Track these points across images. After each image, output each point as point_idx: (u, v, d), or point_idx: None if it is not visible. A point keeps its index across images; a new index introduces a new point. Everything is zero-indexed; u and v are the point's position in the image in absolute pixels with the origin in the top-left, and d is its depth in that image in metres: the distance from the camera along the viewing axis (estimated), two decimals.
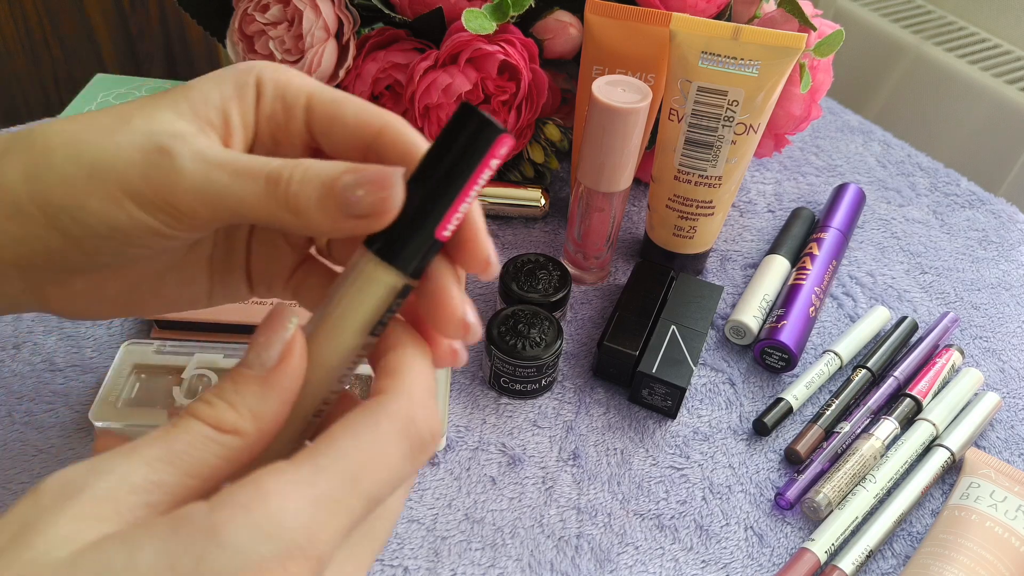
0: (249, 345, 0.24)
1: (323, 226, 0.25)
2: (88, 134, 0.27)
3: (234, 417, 0.23)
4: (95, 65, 1.11)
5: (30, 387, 0.39)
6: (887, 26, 1.08)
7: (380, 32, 0.52)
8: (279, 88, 0.29)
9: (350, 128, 0.28)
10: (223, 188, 0.25)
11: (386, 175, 0.24)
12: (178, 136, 0.26)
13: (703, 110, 0.45)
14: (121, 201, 0.26)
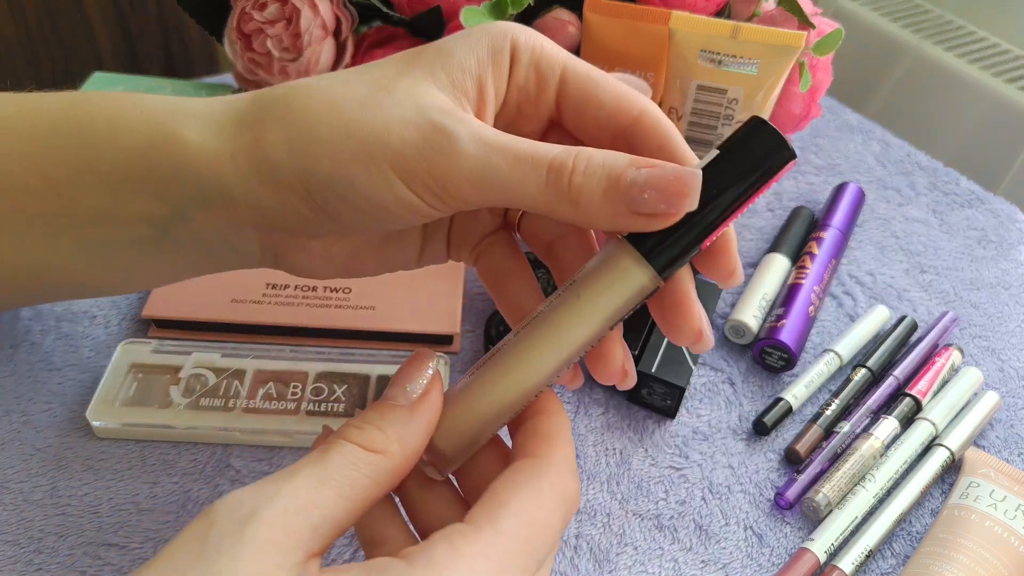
0: (393, 382, 0.26)
1: (601, 220, 0.25)
2: (351, 104, 0.26)
3: (382, 438, 0.25)
4: (93, 64, 1.11)
5: (27, 386, 0.39)
6: (887, 25, 1.08)
7: (378, 30, 0.52)
8: (534, 56, 0.28)
9: (606, 110, 0.28)
10: (502, 174, 0.25)
11: (683, 182, 0.24)
12: (451, 114, 0.26)
13: (702, 108, 0.45)
14: (391, 179, 0.26)
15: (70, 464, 0.36)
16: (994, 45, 1.04)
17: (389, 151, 0.25)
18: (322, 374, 0.40)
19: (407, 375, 0.26)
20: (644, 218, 0.25)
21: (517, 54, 0.28)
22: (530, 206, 0.26)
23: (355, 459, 0.24)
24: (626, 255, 0.26)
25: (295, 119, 0.27)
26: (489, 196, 0.26)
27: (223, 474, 0.37)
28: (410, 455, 0.25)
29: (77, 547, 0.34)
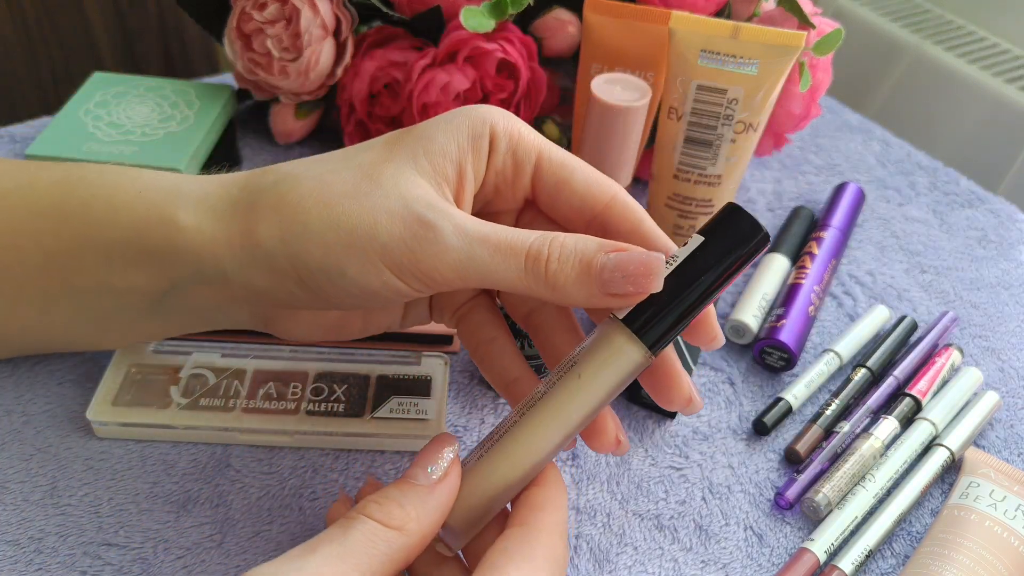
0: (415, 462, 0.27)
1: (577, 300, 0.28)
2: (338, 195, 0.28)
3: (401, 515, 0.26)
4: (93, 63, 1.11)
5: (27, 386, 0.39)
6: (886, 25, 1.08)
7: (378, 30, 0.52)
8: (512, 143, 0.30)
9: (578, 195, 0.30)
10: (484, 264, 0.27)
11: (648, 266, 0.27)
12: (434, 207, 0.28)
13: (702, 108, 0.45)
14: (380, 270, 0.28)
15: (70, 464, 0.36)
16: (994, 45, 1.04)
17: (377, 244, 0.27)
18: (322, 374, 0.40)
19: (428, 457, 0.27)
20: (615, 298, 0.27)
21: (496, 140, 0.30)
22: (511, 289, 0.28)
23: (374, 536, 0.25)
24: (620, 334, 0.28)
25: (287, 210, 0.28)
26: (472, 282, 0.28)
27: (223, 474, 0.37)
28: (426, 533, 0.26)
29: (77, 547, 0.34)
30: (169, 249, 0.30)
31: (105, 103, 0.51)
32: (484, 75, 0.48)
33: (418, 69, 0.48)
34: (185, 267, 0.30)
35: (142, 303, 0.32)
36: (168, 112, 0.51)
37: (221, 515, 0.35)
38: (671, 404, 0.30)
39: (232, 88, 0.54)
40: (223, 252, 0.29)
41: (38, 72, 1.09)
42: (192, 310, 0.33)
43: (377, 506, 0.26)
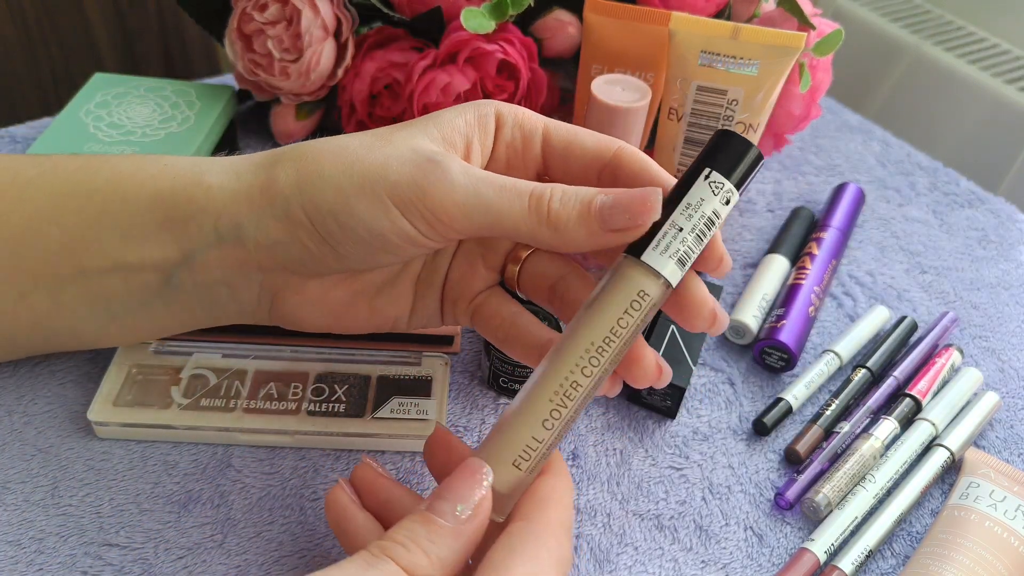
0: (443, 493, 0.26)
1: (579, 240, 0.28)
2: (355, 149, 0.30)
3: (427, 565, 0.25)
4: (93, 64, 1.11)
5: (28, 387, 0.39)
6: (886, 25, 1.08)
7: (378, 31, 0.52)
8: (517, 119, 0.32)
9: (588, 150, 0.31)
10: (489, 201, 0.28)
11: (645, 197, 0.28)
12: (443, 152, 0.29)
13: (702, 109, 0.45)
14: (388, 208, 0.29)
15: (71, 464, 0.36)
16: (994, 45, 1.04)
17: (387, 183, 0.28)
18: (323, 374, 0.40)
19: (459, 491, 0.26)
20: (615, 233, 0.28)
21: (501, 118, 0.31)
22: (514, 233, 0.29)
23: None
24: (630, 264, 0.28)
25: (304, 161, 0.30)
26: (478, 223, 0.29)
27: (224, 474, 0.37)
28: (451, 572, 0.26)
29: (78, 547, 0.34)
30: (190, 212, 0.31)
31: (106, 104, 0.51)
32: (484, 76, 0.48)
33: (419, 70, 0.48)
34: (202, 229, 0.31)
35: (151, 283, 0.33)
36: (169, 113, 0.51)
37: (222, 515, 0.35)
38: (696, 323, 0.30)
39: (233, 89, 0.55)
40: (243, 207, 0.31)
41: (38, 73, 1.09)
42: (201, 288, 0.33)
43: (404, 551, 0.25)
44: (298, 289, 0.33)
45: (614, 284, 0.28)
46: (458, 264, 0.35)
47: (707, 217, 0.28)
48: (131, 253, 0.32)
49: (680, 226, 0.28)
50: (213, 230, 0.31)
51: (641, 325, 0.28)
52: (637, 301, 0.28)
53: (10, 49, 1.05)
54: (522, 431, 0.28)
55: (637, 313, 0.28)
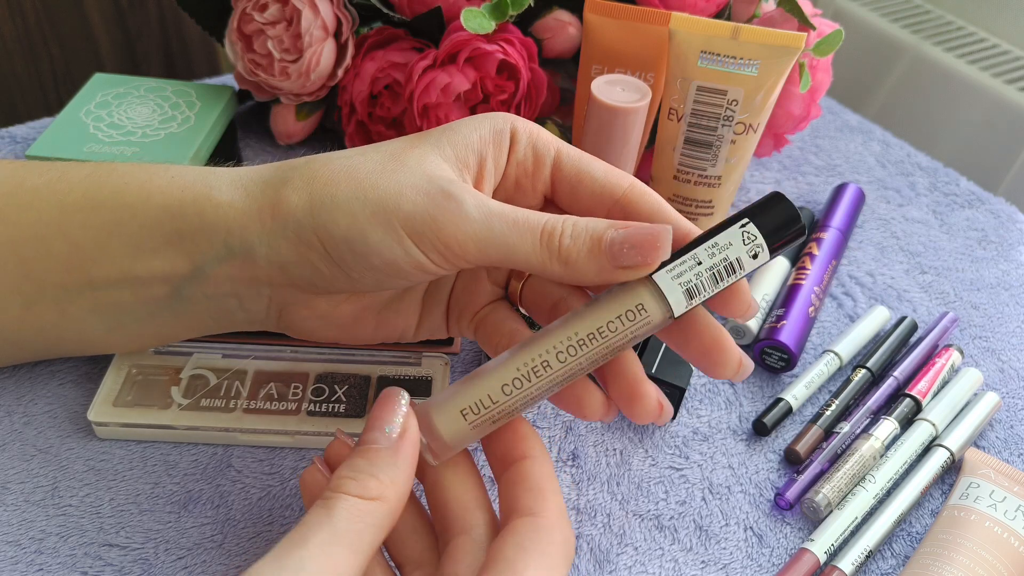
0: (369, 425, 0.27)
1: (589, 276, 0.28)
2: (366, 171, 0.29)
3: (377, 485, 0.26)
4: (93, 64, 1.11)
5: (28, 387, 0.39)
6: (886, 25, 1.08)
7: (379, 31, 0.52)
8: (532, 138, 0.31)
9: (598, 183, 0.31)
10: (501, 236, 0.28)
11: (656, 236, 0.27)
12: (456, 183, 0.29)
13: (702, 109, 0.45)
14: (401, 238, 0.29)
15: (71, 465, 0.36)
16: (994, 45, 1.04)
17: (401, 213, 0.28)
18: (323, 375, 0.40)
19: (383, 417, 0.27)
20: (624, 270, 0.28)
21: (516, 135, 0.31)
22: (525, 265, 0.29)
23: (358, 512, 0.25)
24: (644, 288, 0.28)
25: (316, 183, 0.30)
26: (490, 255, 0.29)
27: (224, 474, 0.37)
28: (402, 494, 0.27)
29: (78, 547, 0.34)
30: (200, 227, 0.31)
31: (106, 104, 0.51)
32: (485, 76, 0.48)
33: (419, 70, 0.48)
34: (212, 244, 0.31)
35: (160, 295, 0.33)
36: (169, 113, 0.51)
37: (222, 515, 0.35)
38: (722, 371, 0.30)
39: (233, 89, 0.55)
40: (253, 225, 0.30)
41: (38, 73, 1.09)
42: (210, 300, 0.33)
43: (353, 482, 0.26)
44: (306, 304, 0.33)
45: (617, 291, 0.28)
46: (463, 278, 0.35)
47: (729, 261, 0.28)
48: (140, 266, 0.32)
49: (700, 260, 0.28)
50: (224, 245, 0.31)
51: (631, 339, 0.28)
52: (633, 312, 0.28)
53: (10, 49, 1.05)
54: (480, 386, 0.28)
55: (630, 324, 0.28)
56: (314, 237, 0.29)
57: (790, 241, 0.28)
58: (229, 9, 0.52)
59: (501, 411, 0.28)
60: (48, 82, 1.11)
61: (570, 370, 0.28)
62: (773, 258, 0.28)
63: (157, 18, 1.14)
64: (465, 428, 0.28)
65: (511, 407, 0.28)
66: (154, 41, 1.15)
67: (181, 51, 1.19)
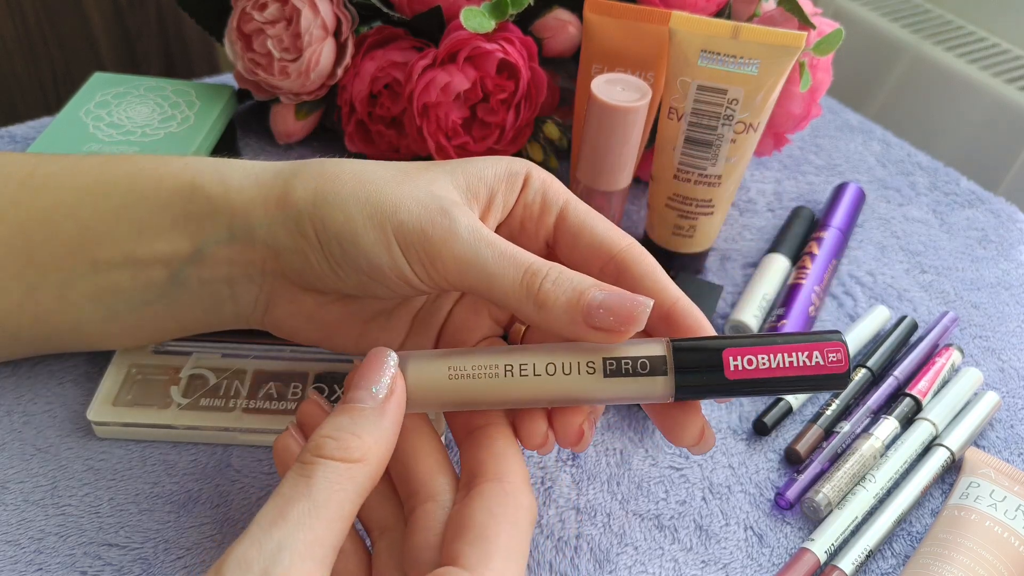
0: (354, 384, 0.27)
1: (559, 326, 0.28)
2: (376, 179, 0.30)
3: (359, 444, 0.25)
4: (92, 63, 1.11)
5: (28, 386, 0.39)
6: (886, 25, 1.08)
7: (378, 31, 0.52)
8: (543, 186, 0.32)
9: (597, 238, 0.31)
10: (486, 264, 0.28)
11: (634, 308, 0.27)
12: (457, 204, 0.29)
13: (703, 109, 0.45)
14: (391, 244, 0.29)
15: (71, 464, 0.36)
16: (994, 45, 1.04)
17: (396, 220, 0.29)
18: (322, 374, 0.40)
19: (369, 375, 0.27)
20: (595, 331, 0.28)
21: (529, 181, 0.32)
22: (501, 299, 0.29)
23: (340, 477, 0.24)
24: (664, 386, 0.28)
25: (325, 179, 0.30)
26: (470, 280, 0.29)
27: (223, 474, 0.37)
28: (384, 456, 0.26)
29: (78, 547, 0.34)
30: (208, 209, 0.32)
31: (106, 104, 0.51)
32: (484, 75, 0.48)
33: (418, 69, 0.48)
34: (216, 226, 0.32)
35: (157, 279, 0.33)
36: (168, 112, 0.51)
37: (221, 515, 0.35)
38: (683, 440, 0.30)
39: (232, 88, 0.55)
40: (258, 211, 0.31)
41: (38, 72, 1.09)
42: (202, 287, 0.33)
43: (334, 442, 0.25)
44: (294, 299, 0.34)
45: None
46: (462, 309, 0.35)
47: None
48: (143, 247, 0.33)
49: None
50: (227, 228, 0.32)
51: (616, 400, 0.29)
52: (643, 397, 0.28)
53: (10, 49, 1.05)
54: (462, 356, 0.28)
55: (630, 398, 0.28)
56: (311, 228, 0.30)
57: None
58: (229, 8, 0.52)
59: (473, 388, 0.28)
60: (48, 81, 1.11)
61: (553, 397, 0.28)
62: None
63: (157, 17, 1.14)
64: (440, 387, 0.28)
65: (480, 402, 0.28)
66: (154, 40, 1.15)
67: (181, 50, 1.19)
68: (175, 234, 0.32)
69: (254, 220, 0.31)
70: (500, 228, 0.32)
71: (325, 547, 0.23)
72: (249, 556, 0.22)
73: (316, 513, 0.24)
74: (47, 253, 0.33)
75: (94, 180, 0.33)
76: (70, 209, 0.33)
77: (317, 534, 0.23)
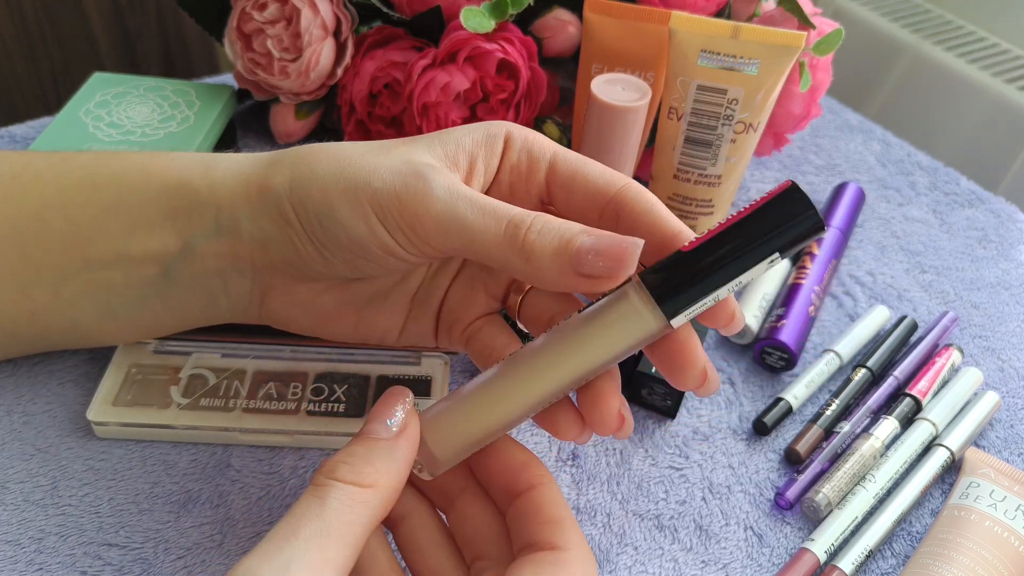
0: (371, 417, 0.28)
1: (549, 277, 0.27)
2: (351, 154, 0.30)
3: (372, 472, 0.26)
4: (92, 63, 1.11)
5: (28, 386, 0.39)
6: (886, 25, 1.08)
7: (378, 30, 0.52)
8: (527, 143, 0.31)
9: (592, 182, 0.30)
10: (466, 220, 0.28)
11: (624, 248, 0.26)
12: (432, 166, 0.29)
13: (702, 108, 0.45)
14: (367, 215, 0.29)
15: (70, 464, 0.36)
16: (994, 45, 1.04)
17: (370, 190, 0.28)
18: (322, 374, 0.40)
19: (385, 411, 0.28)
20: (586, 279, 0.26)
21: (511, 140, 0.31)
22: (485, 256, 0.28)
23: (352, 500, 0.25)
24: (639, 296, 0.27)
25: (302, 162, 0.30)
26: (453, 241, 0.28)
27: (223, 474, 0.37)
28: (396, 486, 0.27)
29: (78, 547, 0.34)
30: (194, 204, 0.32)
31: (105, 103, 0.51)
32: (484, 75, 0.48)
33: (418, 69, 0.48)
34: (203, 221, 0.32)
35: (150, 276, 0.33)
36: (168, 112, 0.51)
37: (221, 515, 0.35)
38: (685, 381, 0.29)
39: (232, 88, 0.54)
40: (241, 202, 0.31)
41: (38, 72, 1.09)
42: (195, 282, 0.33)
43: (347, 467, 0.26)
44: (287, 290, 0.33)
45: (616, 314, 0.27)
46: (458, 287, 0.34)
47: (744, 284, 0.26)
48: (134, 244, 0.33)
49: (719, 296, 0.26)
50: (214, 222, 0.32)
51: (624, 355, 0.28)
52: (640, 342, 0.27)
53: (10, 49, 1.05)
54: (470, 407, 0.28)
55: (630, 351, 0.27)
56: (291, 210, 0.30)
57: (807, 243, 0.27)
58: (228, 8, 0.52)
59: (491, 430, 0.28)
60: (47, 81, 1.11)
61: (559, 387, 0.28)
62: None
63: (156, 17, 1.14)
64: (457, 449, 0.29)
65: (501, 425, 0.28)
66: (153, 40, 1.15)
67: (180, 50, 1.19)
68: (164, 230, 0.32)
69: (239, 212, 0.31)
70: (490, 193, 0.31)
71: (334, 568, 0.24)
72: (258, 570, 0.23)
73: (327, 533, 0.24)
74: (39, 250, 0.33)
75: (82, 177, 0.33)
76: (59, 206, 0.33)
77: (327, 555, 0.24)
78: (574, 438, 0.30)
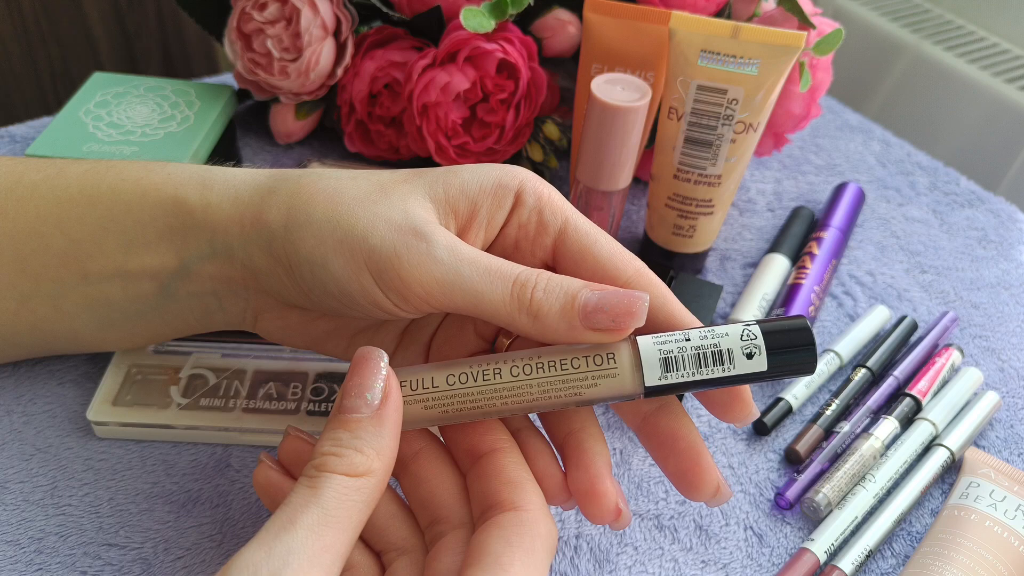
0: (348, 391, 0.26)
1: (559, 332, 0.27)
2: (348, 197, 0.29)
3: (364, 460, 0.25)
4: (91, 63, 1.11)
5: (27, 386, 0.39)
6: (886, 25, 1.08)
7: (378, 30, 0.52)
8: (539, 202, 0.30)
9: (601, 265, 0.29)
10: (471, 283, 0.27)
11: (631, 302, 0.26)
12: (431, 223, 0.28)
13: (702, 108, 0.45)
14: (361, 271, 0.28)
15: (70, 464, 0.36)
16: (994, 45, 1.04)
17: (366, 247, 0.28)
18: (322, 374, 0.40)
19: (362, 382, 0.26)
20: (595, 332, 0.27)
21: (522, 197, 0.30)
22: (492, 315, 0.28)
23: (347, 490, 0.24)
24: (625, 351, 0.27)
25: (297, 200, 0.29)
26: (456, 301, 0.28)
27: (223, 474, 0.37)
28: (390, 464, 0.26)
29: (78, 547, 0.34)
30: (190, 225, 0.31)
31: (105, 103, 0.51)
32: (484, 75, 0.48)
33: (418, 69, 0.48)
34: (199, 242, 0.31)
35: (148, 291, 0.33)
36: (168, 112, 0.51)
37: (221, 515, 0.35)
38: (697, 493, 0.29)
39: (232, 88, 0.54)
40: (234, 229, 0.31)
41: (38, 72, 1.09)
42: (192, 299, 0.33)
43: (338, 459, 0.25)
44: (280, 314, 0.33)
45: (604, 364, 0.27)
46: (447, 325, 0.34)
47: (719, 349, 0.26)
48: (132, 261, 0.32)
49: (688, 338, 0.27)
50: (208, 244, 0.31)
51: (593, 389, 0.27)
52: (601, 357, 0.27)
53: (9, 48, 1.05)
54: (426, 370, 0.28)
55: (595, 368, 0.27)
56: (282, 251, 0.29)
57: (795, 366, 0.27)
58: (228, 8, 0.52)
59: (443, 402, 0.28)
60: (47, 81, 1.11)
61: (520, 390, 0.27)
62: (773, 378, 0.27)
63: (156, 17, 1.14)
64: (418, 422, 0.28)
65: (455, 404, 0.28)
66: (153, 40, 1.15)
67: (180, 50, 1.19)
68: (162, 248, 0.32)
69: (232, 239, 0.31)
70: (492, 247, 0.31)
71: (333, 555, 0.23)
72: (257, 560, 0.22)
73: (326, 521, 0.24)
74: (38, 264, 0.33)
75: (78, 191, 0.33)
76: (56, 222, 0.33)
77: (326, 542, 0.23)
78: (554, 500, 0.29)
